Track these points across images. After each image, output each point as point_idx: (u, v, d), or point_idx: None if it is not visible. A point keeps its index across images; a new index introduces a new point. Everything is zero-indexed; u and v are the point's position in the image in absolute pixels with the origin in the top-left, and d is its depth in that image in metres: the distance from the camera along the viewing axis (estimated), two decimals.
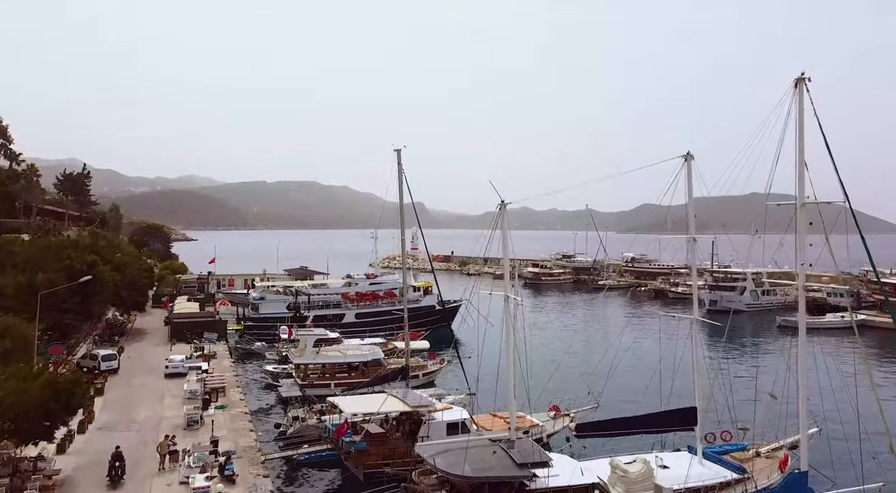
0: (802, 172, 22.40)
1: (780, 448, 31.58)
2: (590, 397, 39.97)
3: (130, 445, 35.02)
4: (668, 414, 30.74)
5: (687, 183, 30.41)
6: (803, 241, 22.79)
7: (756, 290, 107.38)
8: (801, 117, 22.25)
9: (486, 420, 37.20)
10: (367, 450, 33.52)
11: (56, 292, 45.26)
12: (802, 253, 22.75)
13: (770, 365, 57.29)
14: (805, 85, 22.35)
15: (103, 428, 37.90)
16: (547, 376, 43.94)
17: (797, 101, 22.19)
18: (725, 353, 70.39)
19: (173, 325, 68.26)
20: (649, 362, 42.07)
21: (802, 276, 23.13)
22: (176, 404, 42.39)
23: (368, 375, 49.74)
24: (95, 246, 72.45)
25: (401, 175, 42.81)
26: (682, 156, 30.48)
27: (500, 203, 29.03)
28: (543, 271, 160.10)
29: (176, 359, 51.96)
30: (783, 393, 29.52)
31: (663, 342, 45.64)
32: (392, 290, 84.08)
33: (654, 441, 32.68)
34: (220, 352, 61.24)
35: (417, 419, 35.45)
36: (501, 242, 29.71)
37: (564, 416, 39.54)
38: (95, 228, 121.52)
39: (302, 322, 75.60)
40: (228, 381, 48.79)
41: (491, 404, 40.67)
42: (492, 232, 29.48)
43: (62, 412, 28.61)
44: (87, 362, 50.37)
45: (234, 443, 35.48)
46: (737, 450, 32.47)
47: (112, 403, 43.40)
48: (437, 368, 55.43)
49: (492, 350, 37.97)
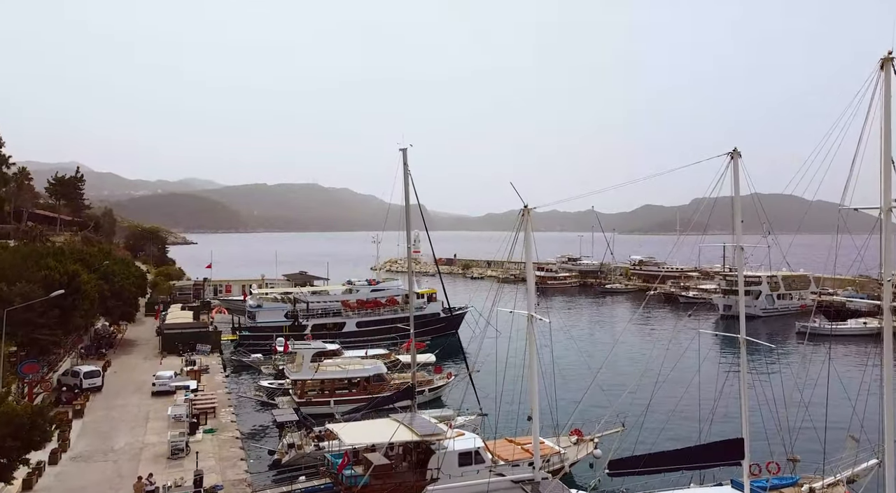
0: (889, 169, 18.76)
1: (836, 483, 27.94)
2: (615, 417, 36.22)
3: (106, 478, 31.53)
4: (713, 447, 27.00)
5: (734, 182, 26.85)
6: (888, 248, 19.14)
7: (772, 294, 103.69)
8: (888, 105, 18.60)
9: (502, 447, 33.57)
10: (372, 486, 29.83)
11: (31, 306, 41.55)
12: (889, 266, 19.08)
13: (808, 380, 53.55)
14: (893, 66, 18.73)
15: (78, 458, 34.18)
16: (565, 394, 40.20)
17: (884, 83, 18.52)
18: (754, 366, 66.70)
19: (164, 336, 64.62)
20: (677, 378, 38.41)
21: (888, 289, 19.42)
22: (161, 428, 38.73)
23: (371, 391, 46.32)
24: (82, 253, 68.90)
25: (407, 176, 39.23)
26: (729, 153, 26.91)
27: (524, 208, 25.38)
28: (549, 276, 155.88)
29: (164, 376, 48.31)
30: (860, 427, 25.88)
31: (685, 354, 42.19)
32: (394, 297, 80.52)
33: (693, 475, 29.08)
34: (213, 366, 57.60)
35: (426, 448, 31.83)
36: (524, 247, 26.04)
37: (588, 441, 35.82)
38: (88, 233, 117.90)
39: (300, 332, 72.08)
40: (220, 400, 45.11)
41: (504, 425, 36.87)
42: (515, 236, 25.85)
43: (20, 449, 24.91)
44: (67, 380, 46.77)
45: (222, 475, 31.88)
46: (787, 485, 28.79)
47: (91, 426, 39.74)
48: (443, 383, 51.83)
49: (504, 363, 34.21)
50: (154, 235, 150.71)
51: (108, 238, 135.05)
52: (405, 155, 39.46)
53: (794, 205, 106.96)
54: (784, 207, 73.90)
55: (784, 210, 62.75)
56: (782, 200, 77.82)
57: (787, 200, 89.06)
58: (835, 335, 75.04)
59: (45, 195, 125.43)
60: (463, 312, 71.98)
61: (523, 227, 27.55)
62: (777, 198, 71.20)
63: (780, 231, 35.22)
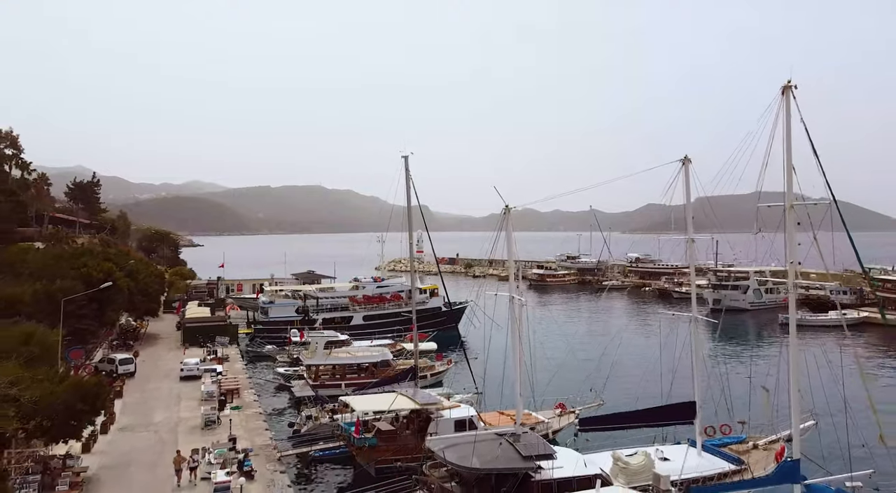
0: (791, 176, 23.58)
1: (776, 441, 32.69)
2: (595, 394, 41.35)
3: (150, 445, 36.55)
4: (668, 408, 31.98)
5: (685, 185, 31.76)
6: (792, 240, 23.95)
7: (759, 289, 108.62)
8: (789, 123, 23.43)
9: (493, 418, 38.44)
10: (379, 446, 34.81)
11: (73, 299, 46.67)
12: (792, 252, 23.92)
13: (770, 361, 58.34)
14: (792, 92, 23.55)
15: (124, 429, 39.30)
16: (553, 374, 45.40)
17: (784, 107, 23.37)
18: (727, 350, 71.82)
19: (186, 329, 69.72)
20: (652, 360, 43.27)
21: (792, 273, 24.31)
22: (192, 407, 43.75)
23: (378, 375, 51.04)
24: (108, 253, 74.07)
25: (408, 181, 44.07)
26: (680, 160, 31.80)
27: (505, 207, 30.31)
28: (548, 273, 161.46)
29: (190, 362, 53.36)
30: (775, 387, 30.58)
31: (666, 341, 46.95)
32: (398, 293, 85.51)
33: (657, 435, 33.86)
34: (232, 355, 62.66)
35: (426, 417, 36.73)
36: (506, 244, 30.95)
37: (570, 413, 40.69)
38: (105, 236, 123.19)
39: (311, 325, 77.09)
40: (242, 383, 50.17)
41: (498, 403, 41.89)
42: (497, 234, 30.72)
43: (88, 413, 29.95)
44: (104, 366, 51.83)
45: (251, 442, 36.80)
46: (735, 442, 33.61)
47: (130, 405, 44.79)
48: (444, 368, 56.74)
49: (498, 351, 39.32)
50: (166, 238, 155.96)
51: (124, 240, 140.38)
52: (407, 162, 44.24)
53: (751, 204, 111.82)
54: (746, 207, 78.86)
55: (749, 210, 67.36)
56: (743, 200, 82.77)
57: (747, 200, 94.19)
58: (809, 325, 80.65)
59: (62, 200, 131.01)
60: (463, 307, 76.76)
61: (509, 225, 32.49)
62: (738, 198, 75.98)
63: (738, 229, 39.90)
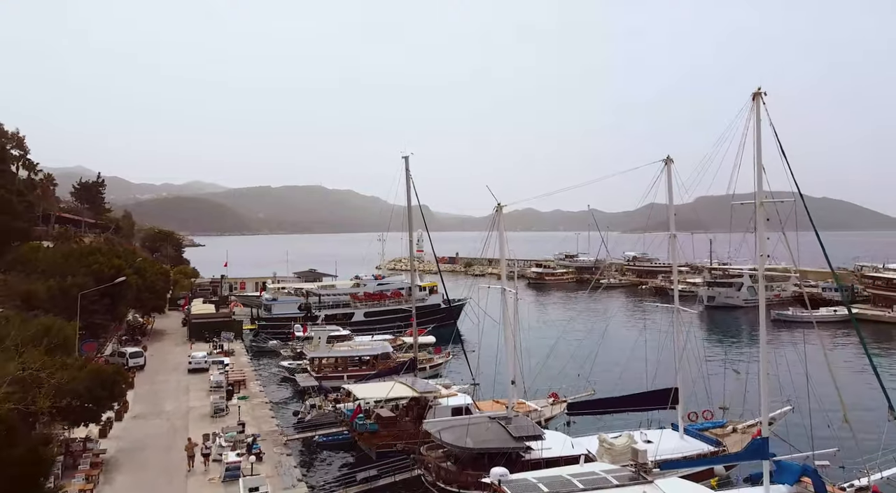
0: (760, 175, 25.50)
1: (754, 425, 34.69)
2: (586, 384, 43.40)
3: (163, 431, 38.55)
4: (651, 394, 34.05)
5: (668, 185, 33.74)
6: (762, 236, 25.88)
7: (753, 286, 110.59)
8: (759, 127, 25.35)
9: (488, 406, 40.36)
10: (379, 432, 36.78)
11: (86, 295, 48.67)
12: (762, 246, 25.89)
13: (755, 353, 60.26)
14: (762, 99, 25.47)
15: (137, 417, 41.32)
16: (547, 366, 47.32)
17: (755, 112, 25.29)
18: (718, 344, 73.91)
19: (192, 325, 71.78)
20: (642, 351, 45.28)
21: (762, 268, 26.28)
22: (201, 397, 45.76)
23: (378, 367, 53.01)
24: (115, 252, 76.05)
25: (409, 182, 45.93)
26: (663, 160, 33.80)
27: (497, 205, 32.27)
28: (546, 272, 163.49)
29: (198, 355, 55.38)
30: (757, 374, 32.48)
31: (656, 333, 48.95)
32: (399, 290, 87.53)
33: (643, 420, 35.84)
34: (238, 350, 64.69)
35: (425, 404, 38.69)
36: (499, 241, 32.92)
37: (562, 402, 42.63)
38: (110, 235, 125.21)
39: (314, 322, 79.09)
40: (248, 375, 52.19)
41: (493, 393, 43.94)
42: (489, 233, 32.68)
43: (107, 398, 31.95)
44: (115, 360, 53.73)
45: (258, 428, 38.79)
46: (716, 427, 35.66)
47: (142, 396, 46.78)
48: (442, 361, 58.75)
49: (494, 345, 41.20)
50: (170, 237, 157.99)
51: (128, 240, 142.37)
52: (407, 162, 46.07)
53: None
54: (746, 207, 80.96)
55: (748, 210, 69.35)
56: (741, 200, 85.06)
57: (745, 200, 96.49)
58: (800, 322, 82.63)
59: (66, 200, 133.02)
60: (462, 303, 78.62)
61: (501, 222, 34.47)
62: (738, 198, 78.00)
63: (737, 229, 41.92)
